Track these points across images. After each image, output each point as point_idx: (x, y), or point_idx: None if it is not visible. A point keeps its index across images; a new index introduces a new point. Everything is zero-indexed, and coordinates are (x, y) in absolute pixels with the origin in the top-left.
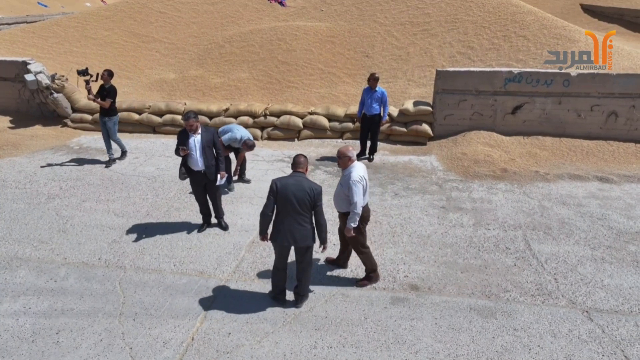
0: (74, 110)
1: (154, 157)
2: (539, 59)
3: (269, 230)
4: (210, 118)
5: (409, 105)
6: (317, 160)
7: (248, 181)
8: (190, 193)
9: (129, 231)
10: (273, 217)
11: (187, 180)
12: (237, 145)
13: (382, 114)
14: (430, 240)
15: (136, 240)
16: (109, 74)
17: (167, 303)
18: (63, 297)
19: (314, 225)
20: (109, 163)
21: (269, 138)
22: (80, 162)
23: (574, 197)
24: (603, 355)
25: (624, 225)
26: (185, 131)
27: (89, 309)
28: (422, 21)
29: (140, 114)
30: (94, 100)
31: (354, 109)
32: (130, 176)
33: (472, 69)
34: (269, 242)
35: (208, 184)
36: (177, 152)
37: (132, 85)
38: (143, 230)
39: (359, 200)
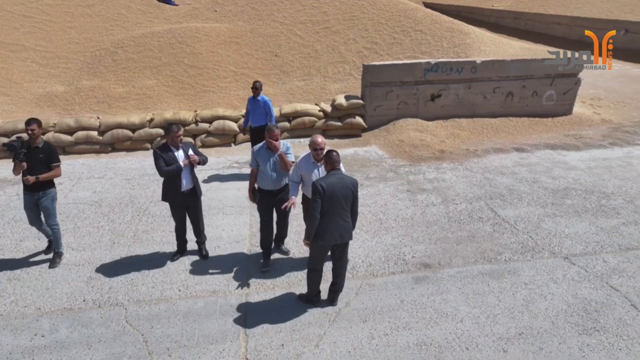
0: None
1: (81, 180)
2: (442, 50)
3: None
4: (133, 131)
5: (341, 100)
6: None
7: (287, 252)
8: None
9: (102, 264)
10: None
11: (136, 201)
12: None
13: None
14: (415, 222)
15: (117, 272)
16: (39, 124)
17: (197, 330)
18: (66, 352)
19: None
20: (54, 261)
21: (204, 145)
22: None
23: (506, 167)
24: (596, 289)
25: (553, 185)
26: (165, 147)
27: (108, 357)
28: (321, 19)
29: (43, 134)
30: (37, 179)
31: (287, 108)
32: (65, 205)
33: (395, 62)
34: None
35: (191, 204)
36: (167, 172)
37: (13, 102)
38: (118, 261)
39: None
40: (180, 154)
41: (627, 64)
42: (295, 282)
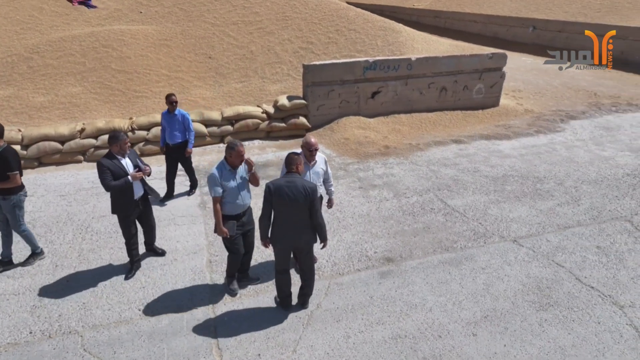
0: None
1: None
2: (377, 49)
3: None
4: (62, 143)
5: (284, 100)
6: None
7: (257, 279)
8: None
9: (46, 290)
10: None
11: (75, 218)
12: None
13: (188, 141)
14: (371, 217)
15: (66, 297)
16: None
17: (165, 350)
18: None
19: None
20: (29, 261)
21: (143, 154)
22: None
23: (448, 159)
24: (545, 267)
25: (492, 173)
26: (110, 157)
27: None
28: (253, 20)
29: None
30: None
31: (228, 111)
32: None
33: (335, 61)
34: (270, 246)
35: (143, 211)
36: (115, 187)
37: None
38: (65, 285)
39: None
40: (127, 162)
41: (538, 58)
42: (262, 289)
